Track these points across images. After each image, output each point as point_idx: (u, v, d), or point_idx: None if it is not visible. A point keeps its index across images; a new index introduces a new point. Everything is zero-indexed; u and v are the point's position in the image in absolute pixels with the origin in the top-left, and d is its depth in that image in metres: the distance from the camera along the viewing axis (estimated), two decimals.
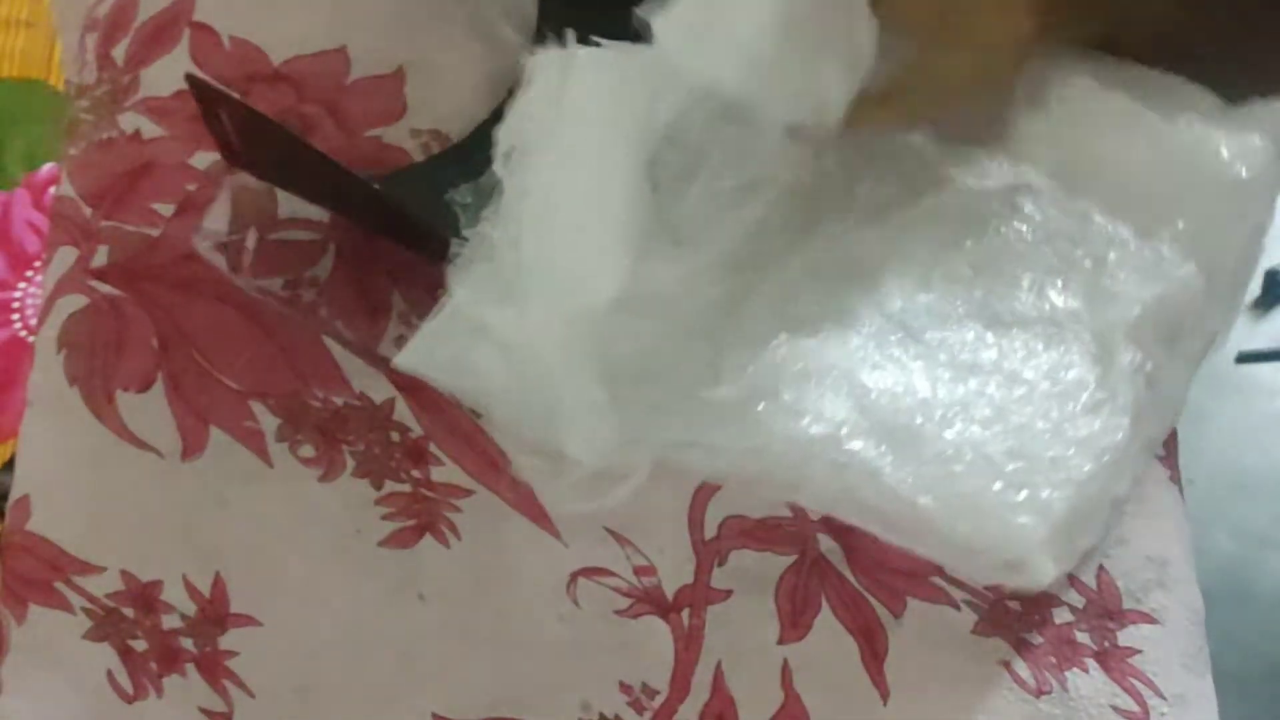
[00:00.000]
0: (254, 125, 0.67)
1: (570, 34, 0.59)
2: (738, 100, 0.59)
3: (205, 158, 0.73)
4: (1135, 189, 0.66)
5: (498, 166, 0.60)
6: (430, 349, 0.61)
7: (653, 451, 0.62)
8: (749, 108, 0.59)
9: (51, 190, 1.09)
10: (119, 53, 0.77)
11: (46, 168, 1.26)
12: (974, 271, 0.65)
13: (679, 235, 0.59)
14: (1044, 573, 0.61)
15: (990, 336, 0.64)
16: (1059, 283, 0.65)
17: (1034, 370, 0.63)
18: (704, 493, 0.69)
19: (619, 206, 0.58)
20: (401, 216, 0.68)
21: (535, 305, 0.59)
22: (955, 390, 0.62)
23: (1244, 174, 0.66)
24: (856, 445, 0.60)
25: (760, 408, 0.61)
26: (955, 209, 0.66)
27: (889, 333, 0.63)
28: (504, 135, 0.60)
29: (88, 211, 0.72)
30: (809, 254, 0.65)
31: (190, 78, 0.64)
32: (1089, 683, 0.68)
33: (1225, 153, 0.66)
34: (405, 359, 0.62)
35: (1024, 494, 0.60)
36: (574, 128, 0.58)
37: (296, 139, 0.68)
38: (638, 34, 0.59)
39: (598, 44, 0.59)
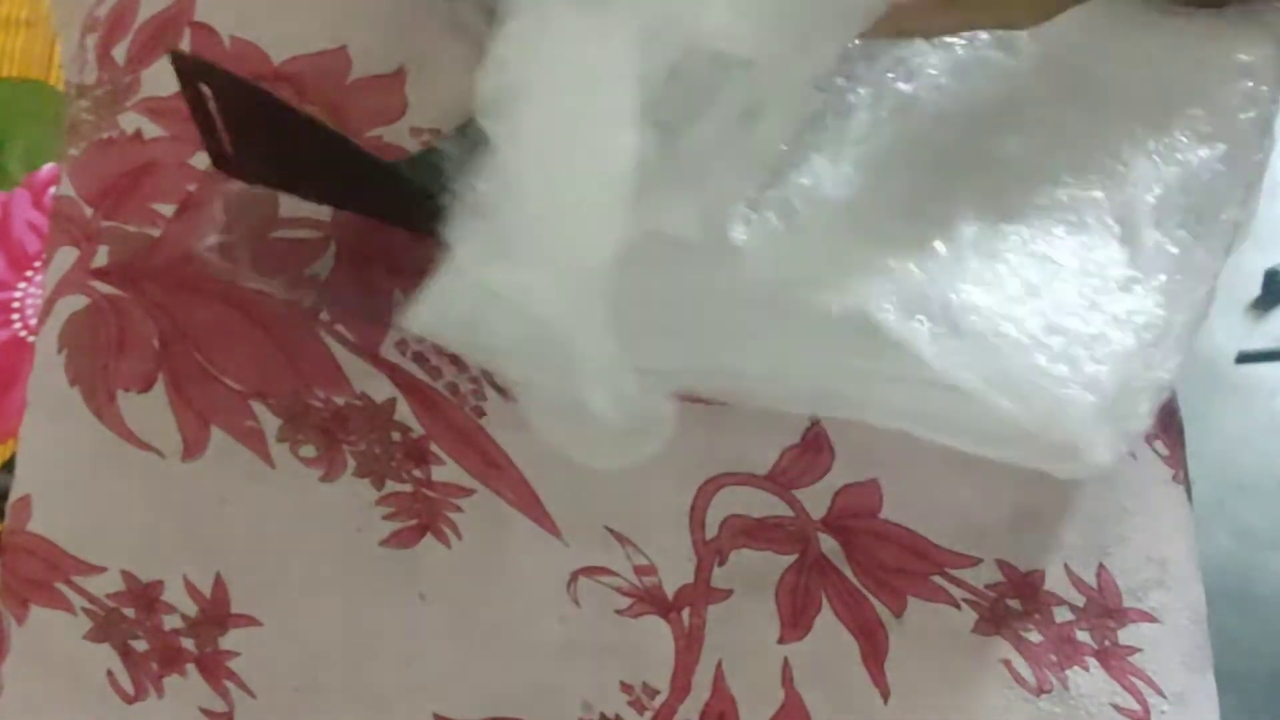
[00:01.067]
0: (244, 101, 0.65)
1: None
2: (733, 47, 0.57)
3: (206, 158, 0.72)
4: (1143, 82, 0.66)
5: (480, 116, 0.56)
6: (439, 308, 0.59)
7: (673, 383, 0.60)
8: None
9: (51, 190, 1.09)
10: (119, 53, 0.77)
11: (46, 168, 1.25)
12: (989, 168, 0.64)
13: (687, 172, 0.57)
14: (1097, 453, 0.59)
15: (1013, 225, 0.62)
16: (1076, 175, 0.64)
17: (1062, 251, 0.61)
18: (705, 492, 0.69)
19: (614, 155, 0.54)
20: (415, 196, 0.65)
21: (535, 262, 0.57)
22: (984, 272, 0.60)
23: (1249, 61, 0.65)
24: (889, 318, 0.58)
25: (785, 302, 0.59)
26: (964, 110, 0.65)
27: (909, 226, 0.61)
28: (483, 82, 0.56)
29: (88, 212, 0.72)
30: (819, 167, 0.63)
31: (174, 55, 0.62)
32: (1089, 681, 0.68)
33: (1229, 42, 0.65)
34: (414, 321, 0.60)
35: (1066, 368, 0.58)
36: (558, 74, 0.55)
37: (290, 109, 0.67)
38: None
39: None
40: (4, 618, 0.66)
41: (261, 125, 0.66)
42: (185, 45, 0.76)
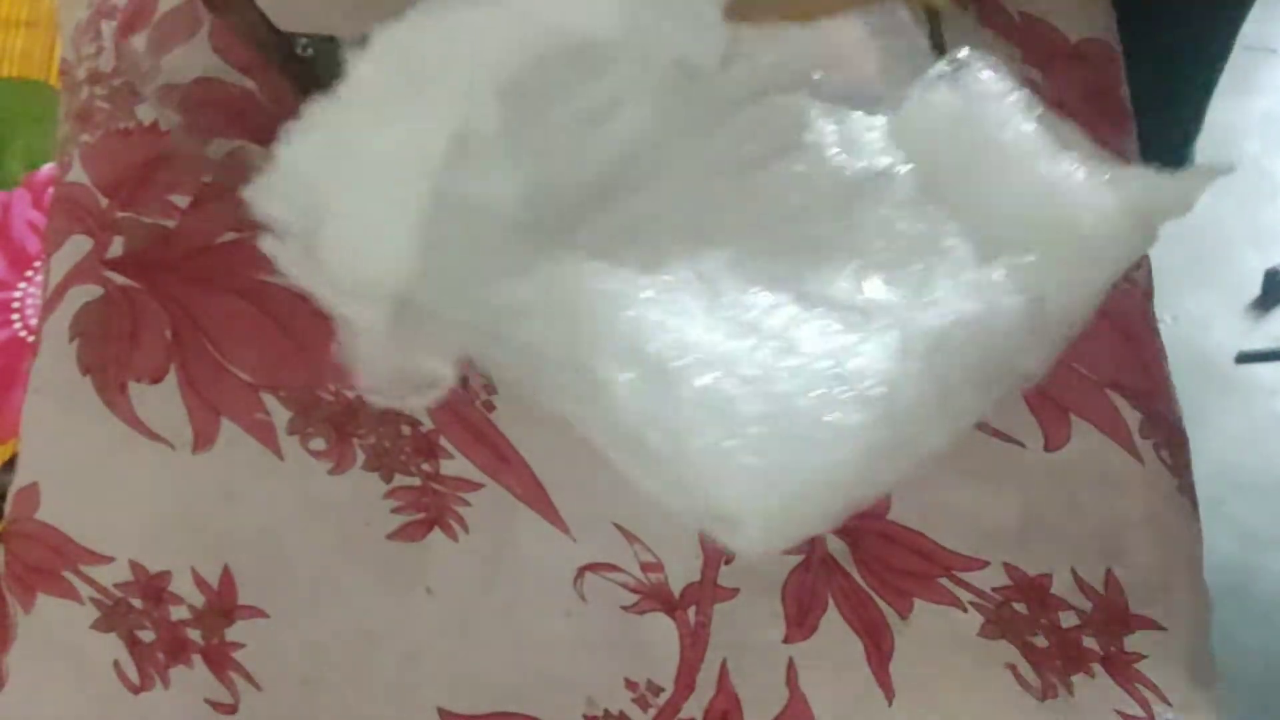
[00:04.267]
0: None
1: None
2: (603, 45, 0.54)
3: (222, 146, 0.71)
4: (996, 209, 0.59)
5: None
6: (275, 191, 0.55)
7: (454, 342, 0.56)
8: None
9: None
10: (139, 41, 0.75)
11: (46, 168, 1.23)
12: (805, 247, 0.58)
13: (524, 153, 0.55)
14: (751, 539, 0.54)
15: (788, 307, 0.56)
16: (884, 276, 0.58)
17: (818, 347, 0.55)
18: None
19: (409, 201, 0.53)
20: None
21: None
22: (725, 344, 0.55)
23: (1104, 231, 0.58)
24: (602, 363, 0.54)
25: (540, 313, 0.55)
26: (814, 181, 0.60)
27: (690, 282, 0.56)
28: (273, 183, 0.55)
29: (103, 202, 0.70)
30: (656, 192, 0.59)
31: None
32: (1095, 688, 0.65)
33: (1093, 204, 0.58)
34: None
35: (754, 459, 0.53)
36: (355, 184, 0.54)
37: None
38: None
39: None
40: (11, 606, 0.64)
41: None
42: (205, 35, 0.75)
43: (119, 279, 0.68)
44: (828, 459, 0.54)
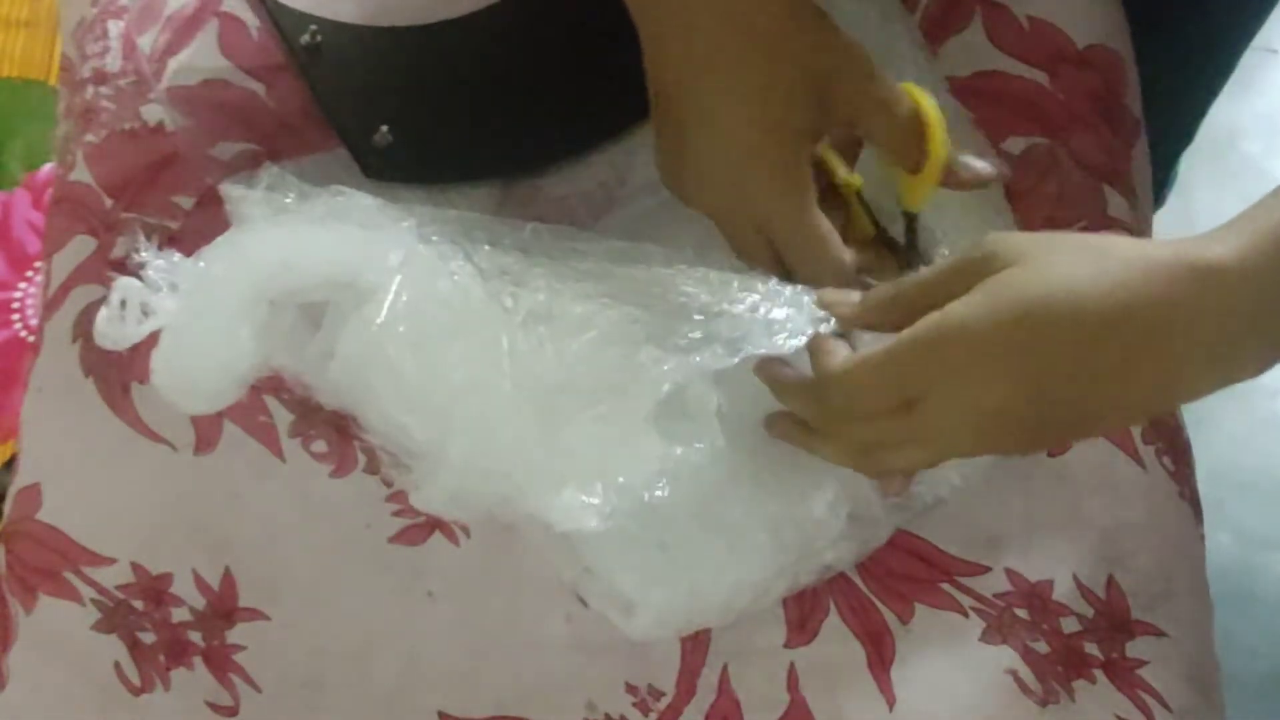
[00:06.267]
0: None
1: None
2: None
3: (228, 148, 0.70)
4: None
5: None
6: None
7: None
8: None
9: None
10: (146, 41, 0.74)
11: (46, 168, 1.23)
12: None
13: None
14: (642, 627, 0.60)
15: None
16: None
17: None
18: None
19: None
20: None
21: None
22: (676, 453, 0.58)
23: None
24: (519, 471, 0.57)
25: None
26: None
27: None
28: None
29: (108, 203, 0.69)
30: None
31: None
32: (1096, 693, 0.64)
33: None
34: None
35: (662, 556, 0.59)
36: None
37: None
38: None
39: None
40: (12, 606, 0.64)
41: None
42: (213, 34, 0.74)
43: None
44: (733, 571, 0.59)
